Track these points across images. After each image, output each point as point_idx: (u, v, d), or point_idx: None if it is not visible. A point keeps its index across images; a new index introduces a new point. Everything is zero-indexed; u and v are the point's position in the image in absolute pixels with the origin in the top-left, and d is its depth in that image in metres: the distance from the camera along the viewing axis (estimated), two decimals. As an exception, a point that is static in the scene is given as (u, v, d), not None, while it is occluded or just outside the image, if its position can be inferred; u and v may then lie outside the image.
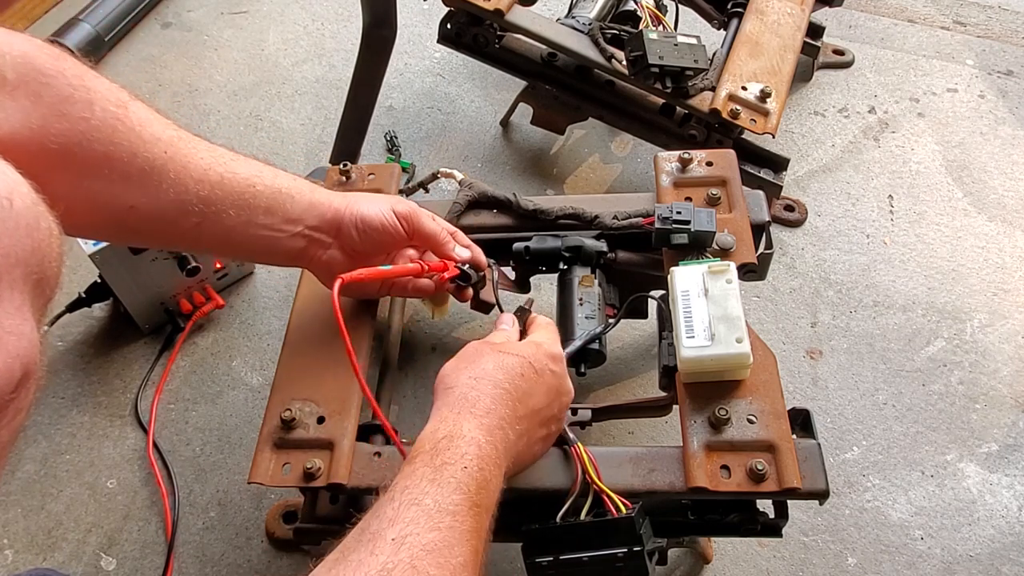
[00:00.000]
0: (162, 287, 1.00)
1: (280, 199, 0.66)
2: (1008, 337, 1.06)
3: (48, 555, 0.88)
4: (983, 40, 1.42)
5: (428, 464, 0.52)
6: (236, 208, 0.63)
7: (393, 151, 1.25)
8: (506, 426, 0.57)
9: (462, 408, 0.57)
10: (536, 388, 0.61)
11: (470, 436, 0.54)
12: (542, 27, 1.07)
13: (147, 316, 1.03)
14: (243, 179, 0.64)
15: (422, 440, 0.55)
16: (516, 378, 0.60)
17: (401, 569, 0.44)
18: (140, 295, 0.99)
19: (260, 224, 0.66)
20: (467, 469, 0.52)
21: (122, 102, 0.56)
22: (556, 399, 0.64)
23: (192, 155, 0.60)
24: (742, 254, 0.78)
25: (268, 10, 1.48)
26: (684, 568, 0.87)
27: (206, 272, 1.03)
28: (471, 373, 0.59)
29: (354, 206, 0.71)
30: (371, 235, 0.70)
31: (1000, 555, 0.88)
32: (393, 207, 0.72)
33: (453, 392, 0.58)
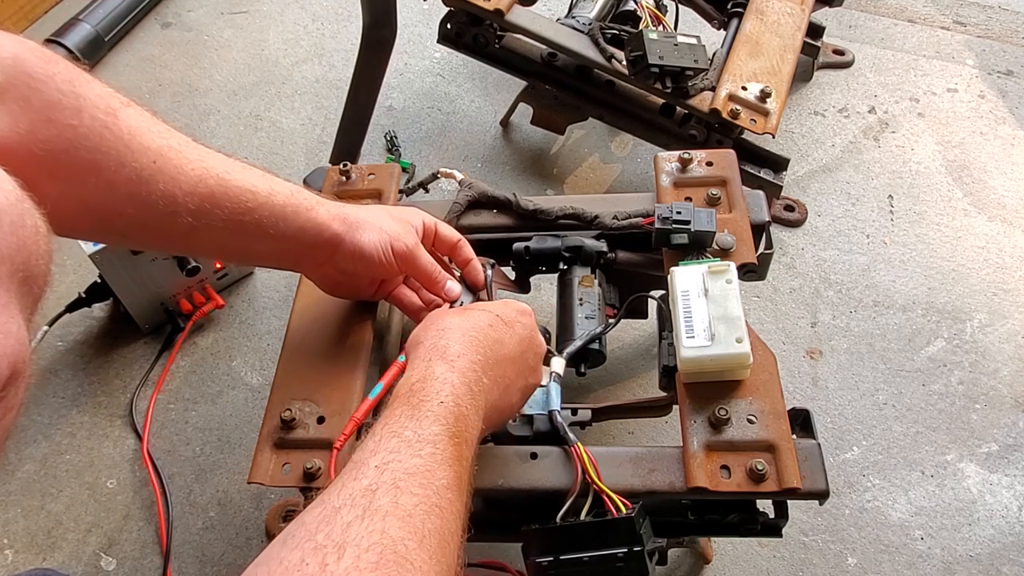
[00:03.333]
0: (162, 287, 1.00)
1: (274, 218, 0.65)
2: (1008, 337, 1.06)
3: (48, 555, 0.88)
4: (983, 40, 1.42)
5: (405, 403, 0.53)
6: (227, 222, 0.62)
7: (393, 151, 1.25)
8: (478, 370, 0.58)
9: (432, 356, 0.57)
10: (506, 337, 0.62)
11: (443, 377, 0.55)
12: (542, 27, 1.07)
13: (147, 316, 1.03)
14: (236, 194, 0.63)
15: (398, 389, 0.56)
16: (485, 327, 0.61)
17: (385, 489, 0.45)
18: (140, 295, 0.99)
19: (252, 238, 0.65)
20: (443, 403, 0.53)
21: (112, 109, 0.55)
22: (529, 348, 0.64)
23: (183, 166, 0.59)
24: (742, 254, 0.78)
25: (268, 10, 1.48)
26: (684, 568, 0.87)
27: (206, 272, 1.03)
28: (438, 326, 0.60)
29: (353, 234, 0.69)
30: (366, 265, 0.70)
31: (1000, 555, 0.88)
32: (392, 244, 0.70)
33: (423, 345, 0.59)
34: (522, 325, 0.64)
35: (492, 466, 0.68)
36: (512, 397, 0.63)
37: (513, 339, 0.62)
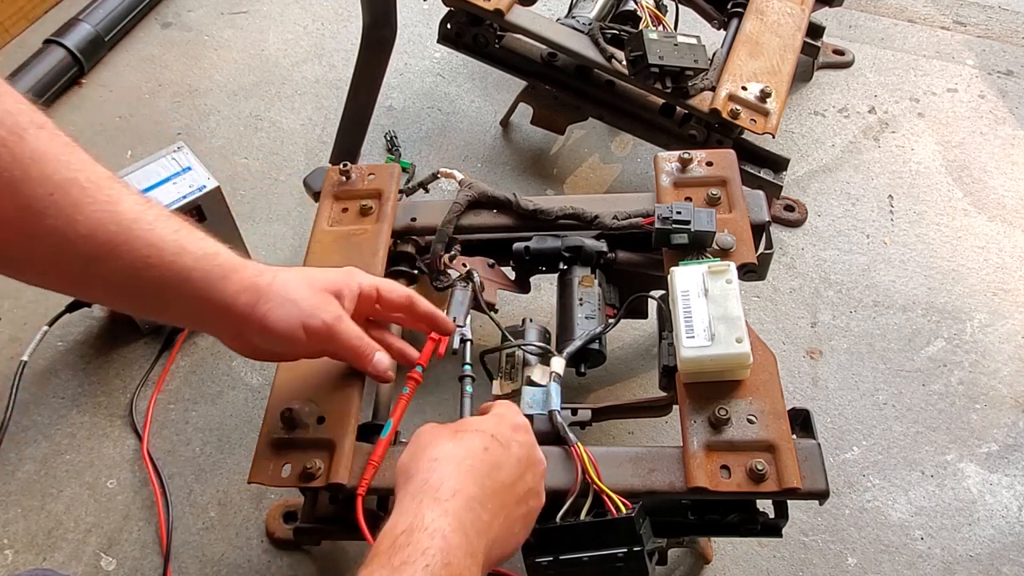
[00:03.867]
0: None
1: (177, 280, 0.58)
2: (1008, 337, 1.06)
3: (48, 555, 0.88)
4: (983, 40, 1.42)
5: (385, 566, 0.46)
6: (125, 276, 0.56)
7: (393, 151, 1.25)
8: (476, 506, 0.52)
9: (423, 495, 0.51)
10: (504, 460, 0.56)
11: (433, 527, 0.48)
12: (542, 27, 1.07)
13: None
14: (138, 247, 0.55)
15: (381, 537, 0.49)
16: (480, 452, 0.55)
17: None
18: None
19: (151, 297, 0.58)
20: (429, 567, 0.46)
21: (19, 129, 0.50)
22: (529, 469, 0.59)
23: (84, 205, 0.52)
24: (742, 254, 0.78)
25: (268, 10, 1.48)
26: (684, 568, 0.87)
27: None
28: (430, 455, 0.55)
29: (262, 311, 0.61)
30: (276, 343, 0.63)
31: (1000, 555, 0.88)
32: (305, 322, 0.62)
33: (413, 480, 0.53)
34: (519, 444, 0.59)
35: (492, 466, 0.68)
36: (514, 527, 0.57)
37: (511, 461, 0.57)
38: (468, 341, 0.77)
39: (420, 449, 0.56)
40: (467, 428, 0.58)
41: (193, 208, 0.95)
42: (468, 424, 0.59)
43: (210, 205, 0.96)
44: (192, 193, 0.94)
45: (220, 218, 0.99)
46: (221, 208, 0.98)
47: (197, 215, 0.96)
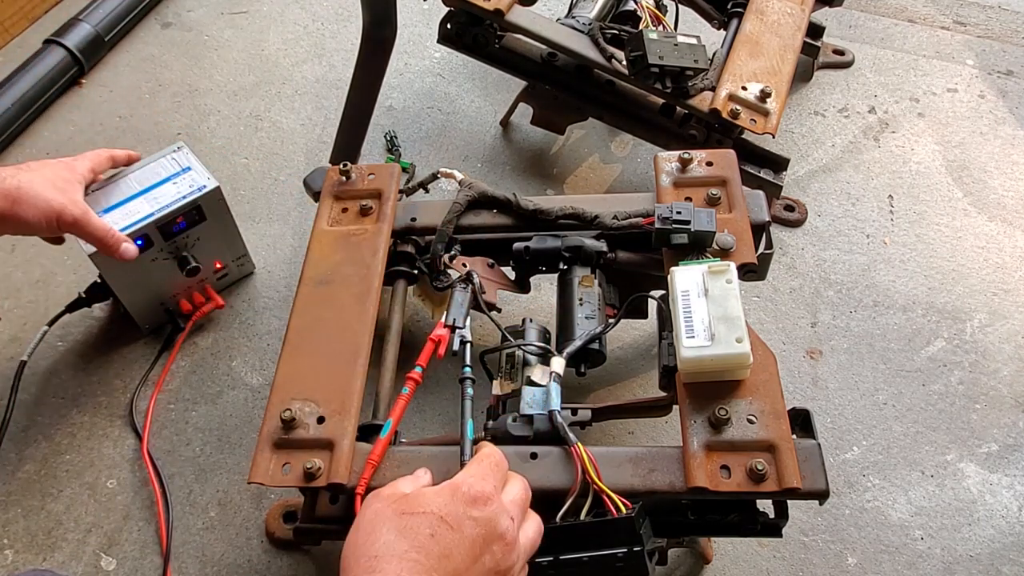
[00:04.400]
0: (162, 287, 1.00)
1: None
2: (1008, 337, 1.06)
3: (48, 555, 0.88)
4: (983, 40, 1.42)
5: None
6: None
7: (393, 151, 1.25)
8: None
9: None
10: (455, 546, 0.51)
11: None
12: (542, 27, 1.07)
13: (147, 316, 1.03)
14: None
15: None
16: (425, 541, 0.51)
17: None
18: (140, 295, 0.99)
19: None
20: None
21: None
22: (486, 550, 0.53)
23: None
24: (742, 254, 0.78)
25: (268, 10, 1.48)
26: (684, 568, 0.87)
27: (206, 272, 1.03)
28: (369, 553, 0.50)
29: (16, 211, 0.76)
30: (30, 234, 0.78)
31: (1000, 555, 0.88)
32: (60, 217, 0.77)
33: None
34: (474, 522, 0.53)
35: (492, 466, 0.68)
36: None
37: (463, 545, 0.52)
38: (468, 343, 0.77)
39: (361, 538, 0.52)
40: (414, 508, 0.53)
41: (193, 208, 0.94)
42: (417, 503, 0.54)
43: (210, 205, 0.95)
44: (192, 193, 0.93)
45: (220, 218, 0.98)
46: (221, 208, 0.97)
47: (197, 215, 0.95)
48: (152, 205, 0.92)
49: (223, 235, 1.01)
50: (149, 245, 0.93)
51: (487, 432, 0.75)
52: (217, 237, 1.00)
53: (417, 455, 0.70)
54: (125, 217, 0.90)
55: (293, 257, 1.13)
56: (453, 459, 0.68)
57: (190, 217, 0.95)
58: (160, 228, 0.93)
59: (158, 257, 0.96)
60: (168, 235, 0.94)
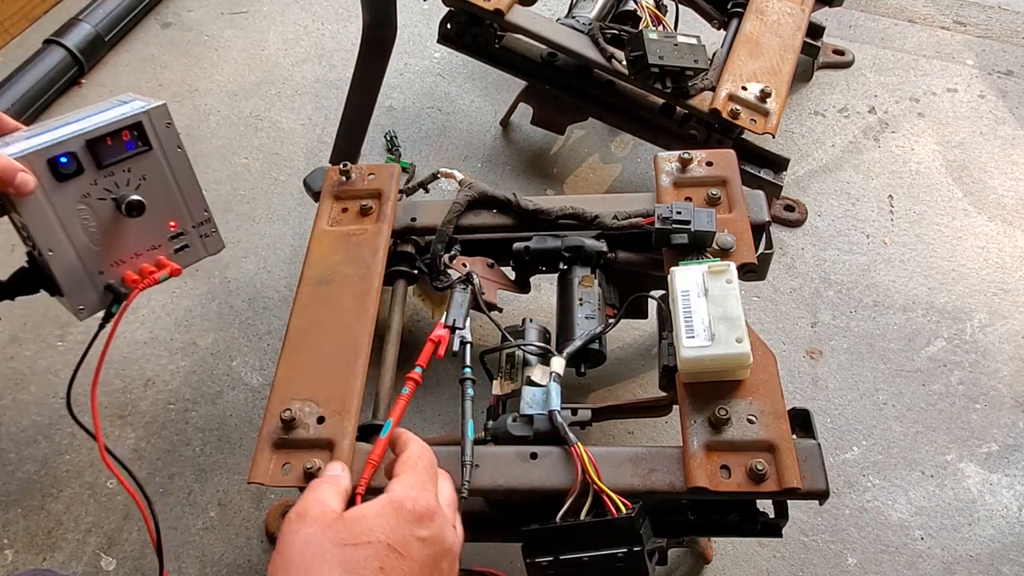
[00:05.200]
0: (100, 247, 0.72)
1: None
2: (1008, 337, 1.06)
3: (48, 555, 0.88)
4: (983, 40, 1.42)
5: None
6: None
7: (393, 151, 1.25)
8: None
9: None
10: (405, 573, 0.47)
11: None
12: (542, 27, 1.07)
13: (83, 293, 0.73)
14: None
15: None
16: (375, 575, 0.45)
17: None
18: (71, 258, 0.71)
19: None
20: None
21: None
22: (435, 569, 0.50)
23: None
24: (742, 254, 0.78)
25: (268, 10, 1.48)
26: (684, 568, 0.87)
27: (156, 230, 0.75)
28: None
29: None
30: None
31: (1000, 555, 0.88)
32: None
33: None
34: (423, 543, 0.49)
35: (492, 466, 0.68)
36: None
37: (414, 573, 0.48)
38: (468, 343, 0.77)
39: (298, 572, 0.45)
40: (358, 538, 0.47)
41: (134, 127, 0.70)
42: (359, 530, 0.47)
43: (157, 129, 0.72)
44: (131, 112, 0.71)
45: (172, 154, 0.73)
46: (171, 137, 0.73)
47: (140, 139, 0.71)
48: (82, 126, 0.69)
49: (178, 182, 0.76)
50: (78, 172, 0.69)
51: (487, 432, 0.75)
52: (170, 184, 0.75)
53: (417, 455, 0.70)
54: (41, 140, 0.68)
55: (293, 257, 1.13)
56: (453, 459, 0.68)
57: (131, 142, 0.71)
58: (91, 147, 0.69)
59: (91, 194, 0.70)
60: (103, 161, 0.70)
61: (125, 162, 0.71)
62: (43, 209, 0.70)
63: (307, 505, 0.50)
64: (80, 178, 0.69)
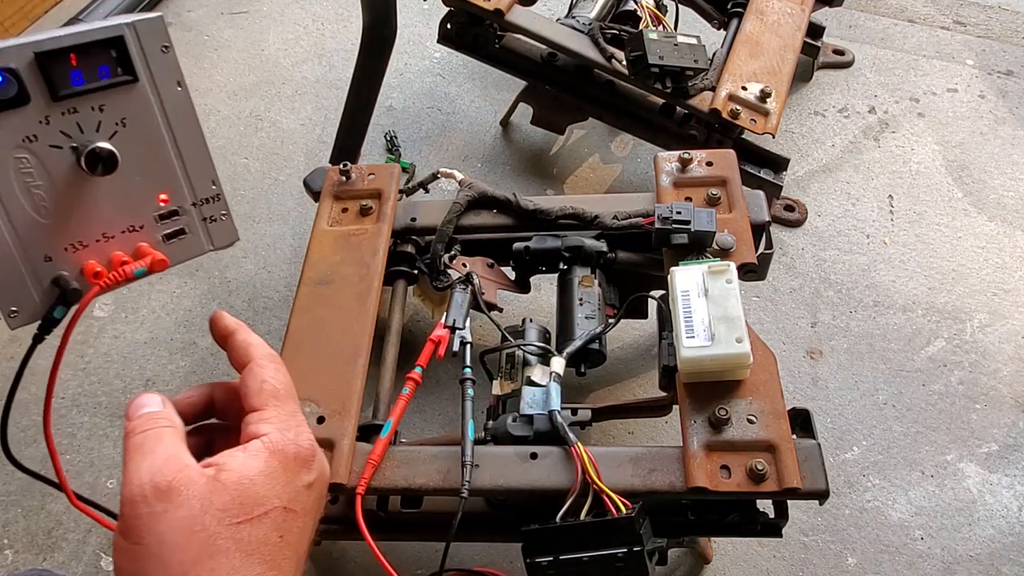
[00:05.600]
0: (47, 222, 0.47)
1: None
2: (1008, 337, 1.06)
3: (48, 555, 0.88)
4: (983, 40, 1.42)
5: None
6: None
7: (393, 151, 1.25)
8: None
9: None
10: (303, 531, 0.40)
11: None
12: (542, 27, 1.07)
13: (13, 286, 0.47)
14: None
15: None
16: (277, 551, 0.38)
17: None
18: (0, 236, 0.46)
19: None
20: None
21: None
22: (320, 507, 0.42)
23: None
24: (742, 254, 0.78)
25: (268, 10, 1.48)
26: (684, 568, 0.87)
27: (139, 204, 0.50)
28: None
29: None
30: None
31: (1000, 555, 0.88)
32: None
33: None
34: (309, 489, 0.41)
35: (492, 466, 0.68)
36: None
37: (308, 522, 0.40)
38: (468, 343, 0.77)
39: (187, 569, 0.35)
40: (252, 511, 0.37)
41: (110, 41, 0.46)
42: (251, 500, 0.37)
43: (147, 49, 0.47)
44: (110, 24, 0.46)
45: (168, 92, 0.49)
46: (167, 66, 0.48)
47: (121, 65, 0.46)
48: (44, 36, 0.44)
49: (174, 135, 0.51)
50: (19, 100, 0.44)
51: (487, 432, 0.75)
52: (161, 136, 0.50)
53: (417, 455, 0.70)
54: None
55: (293, 257, 1.13)
56: (454, 459, 0.68)
57: (105, 67, 0.46)
58: (43, 65, 0.44)
59: (38, 137, 0.45)
60: (59, 89, 0.45)
61: (95, 95, 0.46)
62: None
63: (165, 473, 0.37)
64: (23, 111, 0.44)
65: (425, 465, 0.69)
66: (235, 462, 0.38)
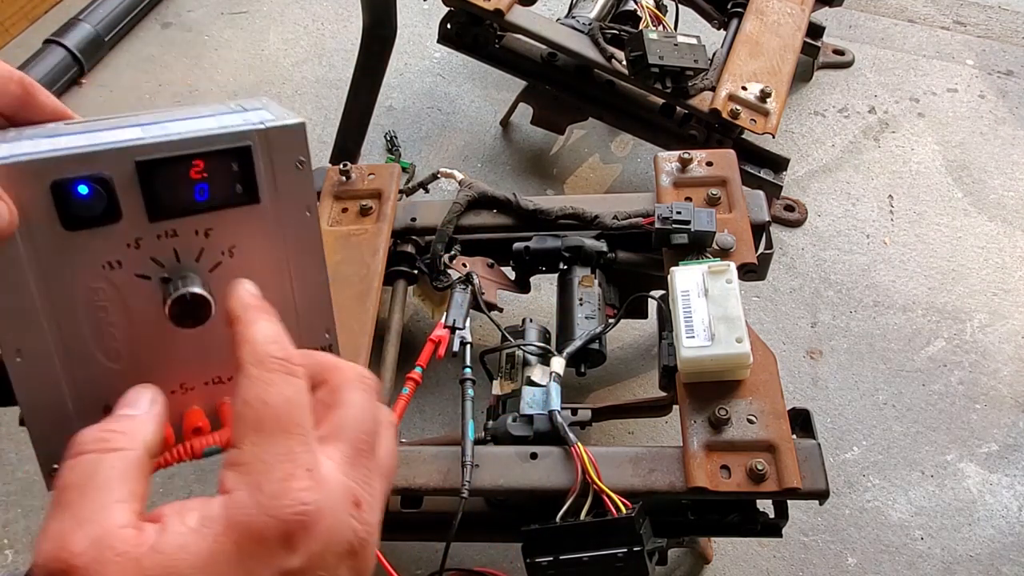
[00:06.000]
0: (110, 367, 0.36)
1: None
2: (1008, 337, 1.05)
3: (48, 555, 0.88)
4: (983, 40, 1.42)
5: None
6: None
7: (393, 151, 1.25)
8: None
9: None
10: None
11: None
12: (542, 27, 1.07)
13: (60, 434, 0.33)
14: None
15: None
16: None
17: None
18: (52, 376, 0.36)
19: None
20: None
21: None
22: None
23: None
24: (742, 254, 0.78)
25: (268, 10, 1.48)
26: (684, 568, 0.87)
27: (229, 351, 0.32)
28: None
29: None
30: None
31: (1000, 555, 0.88)
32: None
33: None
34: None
35: (492, 466, 0.68)
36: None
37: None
38: (468, 343, 0.77)
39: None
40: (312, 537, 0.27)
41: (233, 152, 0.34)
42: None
43: (277, 163, 0.35)
44: (243, 126, 0.34)
45: (292, 211, 0.36)
46: (300, 184, 0.36)
47: (240, 176, 0.34)
48: (147, 133, 0.33)
49: (291, 271, 0.38)
50: (107, 217, 0.33)
51: (487, 432, 0.75)
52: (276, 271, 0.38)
53: (417, 455, 0.70)
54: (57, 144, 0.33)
55: (293, 257, 1.13)
56: (454, 459, 0.68)
57: (224, 179, 0.34)
58: (145, 174, 0.33)
59: (123, 263, 0.34)
60: (159, 207, 0.34)
61: (202, 216, 0.35)
62: (22, 273, 0.34)
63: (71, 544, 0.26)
64: (108, 231, 0.34)
65: (425, 465, 0.69)
66: (174, 533, 0.26)
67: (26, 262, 0.33)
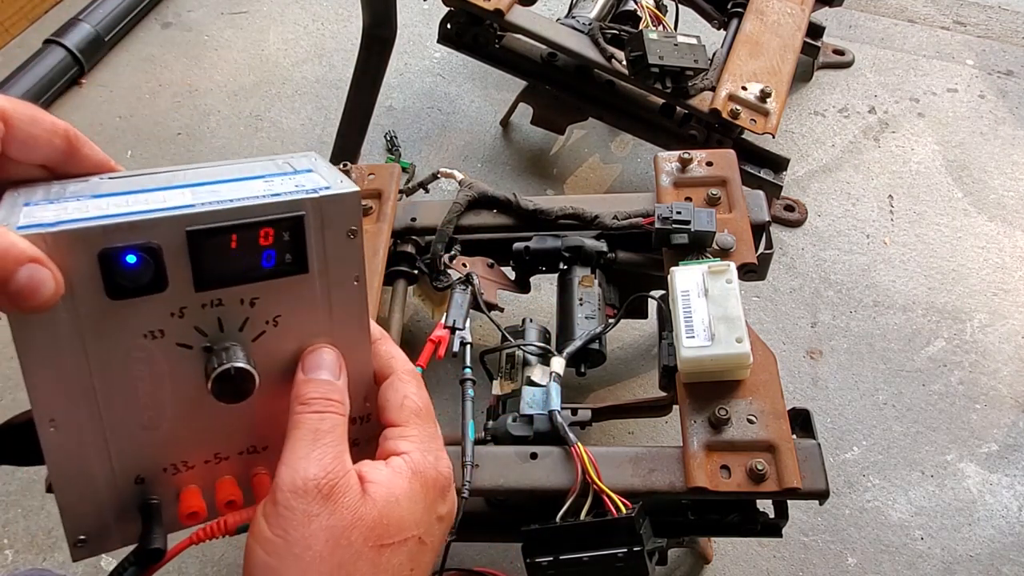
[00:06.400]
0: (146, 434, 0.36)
1: None
2: (1008, 337, 1.06)
3: (48, 555, 0.88)
4: (983, 40, 1.42)
5: None
6: None
7: (393, 151, 1.25)
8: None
9: None
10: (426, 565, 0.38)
11: None
12: (542, 27, 1.07)
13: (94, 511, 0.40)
14: None
15: None
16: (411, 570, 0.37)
17: None
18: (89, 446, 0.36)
19: None
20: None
21: None
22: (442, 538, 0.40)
23: None
24: (742, 254, 0.78)
25: (268, 10, 1.48)
26: (684, 568, 0.87)
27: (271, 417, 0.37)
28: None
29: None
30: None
31: (1000, 555, 0.88)
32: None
33: None
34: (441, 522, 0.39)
35: (492, 466, 0.68)
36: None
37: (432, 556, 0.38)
38: (468, 343, 0.77)
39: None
40: (393, 536, 0.35)
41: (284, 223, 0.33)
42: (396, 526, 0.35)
43: (328, 234, 0.35)
44: (294, 193, 0.34)
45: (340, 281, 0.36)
46: (349, 255, 0.36)
47: (291, 245, 0.34)
48: (197, 198, 0.33)
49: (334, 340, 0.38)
50: (153, 286, 0.33)
51: (487, 432, 0.75)
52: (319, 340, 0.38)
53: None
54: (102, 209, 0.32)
55: (293, 257, 1.13)
56: (454, 459, 0.68)
57: (271, 251, 0.34)
58: (193, 247, 0.32)
59: (165, 333, 0.34)
60: (207, 277, 0.33)
61: (249, 286, 0.34)
62: (61, 343, 0.33)
63: (333, 473, 0.34)
64: (152, 300, 0.33)
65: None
66: (381, 475, 0.36)
67: (66, 331, 0.32)
